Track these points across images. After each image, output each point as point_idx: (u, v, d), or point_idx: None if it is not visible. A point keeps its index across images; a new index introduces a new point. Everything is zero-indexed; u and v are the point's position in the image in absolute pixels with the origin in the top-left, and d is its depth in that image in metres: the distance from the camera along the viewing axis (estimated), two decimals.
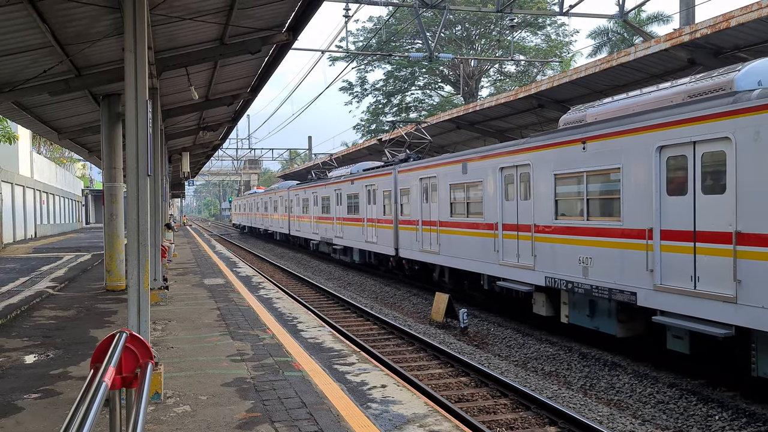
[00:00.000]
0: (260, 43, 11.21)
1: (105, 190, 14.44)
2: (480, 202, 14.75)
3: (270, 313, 11.98)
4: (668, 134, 9.20)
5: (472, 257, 15.14)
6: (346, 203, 25.63)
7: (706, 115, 8.58)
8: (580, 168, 11.15)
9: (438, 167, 17.06)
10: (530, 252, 12.65)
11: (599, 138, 10.66)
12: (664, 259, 9.37)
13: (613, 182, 10.44)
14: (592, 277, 10.85)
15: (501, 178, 13.80)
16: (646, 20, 39.14)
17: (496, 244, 13.97)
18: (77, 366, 7.76)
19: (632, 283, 9.92)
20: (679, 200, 9.09)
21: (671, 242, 9.23)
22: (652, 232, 9.53)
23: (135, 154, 6.31)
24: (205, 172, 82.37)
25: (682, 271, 9.00)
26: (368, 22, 53.57)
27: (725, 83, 8.90)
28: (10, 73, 10.69)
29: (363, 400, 6.84)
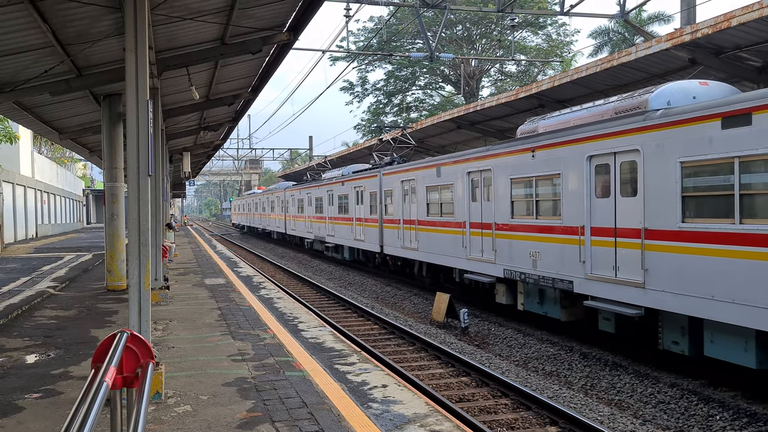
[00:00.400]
0: (261, 43, 11.21)
1: (106, 190, 14.45)
2: (451, 203, 16.28)
3: (271, 312, 11.98)
4: (596, 145, 10.83)
5: (445, 253, 16.68)
6: (337, 203, 27.11)
7: (623, 130, 10.23)
8: (530, 173, 12.76)
9: (417, 171, 18.68)
10: (491, 247, 14.24)
11: (545, 147, 12.27)
12: (593, 252, 10.98)
13: (556, 186, 12.03)
14: (539, 269, 12.45)
15: (468, 182, 15.38)
16: (647, 20, 39.12)
17: (464, 240, 15.56)
18: (78, 366, 7.77)
19: (570, 273, 11.49)
20: (604, 202, 10.73)
21: (599, 237, 10.85)
22: (584, 229, 11.13)
23: (136, 154, 6.31)
24: (206, 172, 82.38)
25: (606, 262, 10.63)
26: (369, 22, 53.68)
27: (642, 103, 10.39)
28: (11, 73, 10.70)
29: (364, 400, 6.84)
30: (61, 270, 18.57)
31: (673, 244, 9.28)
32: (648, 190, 9.69)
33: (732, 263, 8.28)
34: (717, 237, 8.54)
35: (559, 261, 11.80)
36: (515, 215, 13.35)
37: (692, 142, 8.96)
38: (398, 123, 52.29)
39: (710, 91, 10.07)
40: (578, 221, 11.27)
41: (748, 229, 8.06)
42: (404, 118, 53.20)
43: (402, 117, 54.06)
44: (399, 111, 55.00)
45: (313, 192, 31.48)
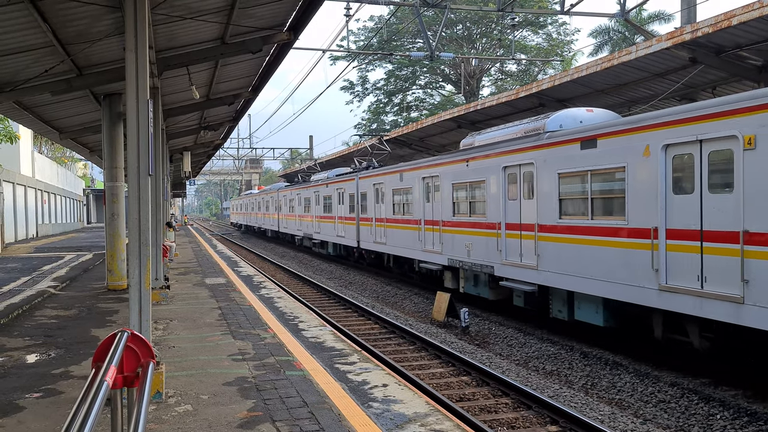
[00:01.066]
0: (261, 43, 11.21)
1: (106, 190, 14.45)
2: (411, 204, 19.06)
3: (271, 312, 11.98)
4: (508, 159, 13.60)
5: (407, 246, 19.51)
6: (322, 203, 29.93)
7: (524, 147, 13.03)
8: (466, 179, 15.53)
9: (385, 176, 21.40)
10: (439, 241, 16.97)
11: (475, 159, 15.05)
12: (507, 243, 13.77)
13: (483, 190, 14.74)
14: (472, 258, 15.18)
15: (423, 185, 18.12)
16: (647, 19, 39.10)
17: (420, 235, 18.35)
18: (79, 365, 7.77)
19: (492, 260, 14.28)
20: (514, 202, 13.54)
21: (510, 231, 13.65)
22: (501, 224, 13.92)
23: (136, 153, 6.31)
24: (207, 172, 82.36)
25: (515, 250, 13.44)
26: (369, 22, 53.63)
27: (541, 126, 13.01)
28: (12, 73, 10.70)
29: (364, 399, 6.84)
30: (62, 270, 18.57)
31: (554, 235, 12.08)
32: (540, 194, 12.51)
33: (587, 249, 11.14)
34: (579, 230, 11.35)
35: (485, 251, 14.61)
36: (456, 214, 16.13)
37: (564, 158, 11.74)
38: (398, 122, 52.42)
39: (594, 117, 12.61)
40: (496, 218, 14.12)
41: (596, 224, 11.00)
42: (404, 118, 53.22)
43: (402, 116, 54.06)
44: (399, 110, 54.97)
45: (302, 193, 34.38)
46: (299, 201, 35.29)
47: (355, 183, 24.72)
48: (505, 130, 14.66)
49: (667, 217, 9.48)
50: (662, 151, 9.53)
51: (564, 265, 11.73)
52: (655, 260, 9.55)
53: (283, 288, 19.10)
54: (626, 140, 10.28)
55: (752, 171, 8.09)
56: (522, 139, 13.37)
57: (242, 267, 22.30)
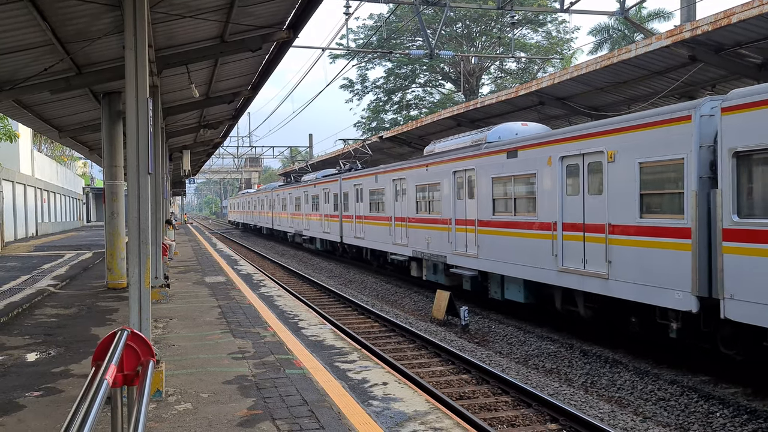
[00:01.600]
0: (260, 41, 11.20)
1: (106, 188, 14.44)
2: (384, 203, 21.56)
3: (271, 310, 11.98)
4: (457, 165, 16.13)
5: (380, 241, 22.11)
6: (311, 202, 32.47)
7: (468, 155, 15.55)
8: (425, 182, 18.13)
9: (362, 178, 24.00)
10: (406, 235, 19.66)
11: (432, 165, 17.70)
12: (456, 236, 16.25)
13: (438, 191, 17.27)
14: (431, 250, 17.69)
15: (393, 186, 20.66)
16: (647, 17, 39.09)
17: (390, 231, 20.95)
18: (79, 364, 7.78)
19: (445, 251, 16.82)
20: (461, 202, 15.98)
21: (458, 226, 16.13)
22: (451, 220, 16.39)
23: (136, 152, 6.31)
24: (206, 170, 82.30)
25: (462, 242, 15.91)
26: (369, 20, 53.47)
27: (483, 137, 15.44)
28: (11, 71, 10.69)
29: (364, 397, 6.84)
30: (62, 268, 18.58)
31: (489, 229, 14.59)
32: (479, 194, 15.01)
33: (512, 240, 13.65)
34: (506, 224, 13.95)
35: (440, 243, 17.08)
36: (418, 212, 18.63)
37: (496, 165, 14.19)
38: (398, 120, 52.42)
39: (527, 130, 14.72)
40: (448, 215, 16.58)
41: (517, 219, 13.48)
42: (404, 116, 53.20)
43: (402, 115, 54.04)
44: (399, 109, 54.93)
45: (293, 192, 37.09)
46: (290, 200, 37.88)
47: (338, 184, 27.23)
48: (457, 140, 17.27)
49: (563, 213, 11.95)
50: (559, 161, 11.96)
51: (496, 253, 14.32)
52: (555, 248, 12.11)
53: (283, 286, 19.10)
54: (537, 152, 12.74)
55: (613, 178, 10.55)
56: (468, 148, 15.99)
57: (242, 265, 22.30)
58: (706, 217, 8.97)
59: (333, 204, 28.01)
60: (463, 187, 15.81)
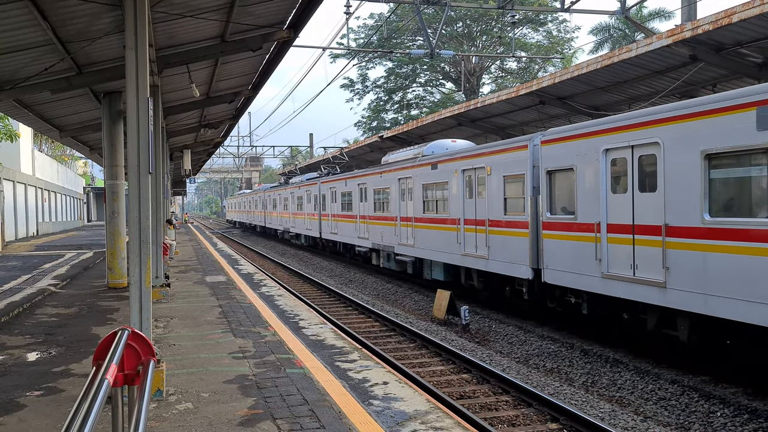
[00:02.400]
0: (261, 41, 11.19)
1: (106, 188, 14.45)
2: (351, 203, 25.80)
3: (272, 310, 11.99)
4: (400, 173, 20.18)
5: (349, 235, 26.22)
6: (296, 203, 36.71)
7: (407, 166, 19.47)
8: (381, 186, 22.22)
9: (336, 182, 28.30)
10: (367, 230, 23.68)
11: (384, 173, 21.86)
12: (400, 231, 20.20)
13: (389, 194, 21.33)
14: (384, 242, 21.74)
15: (359, 189, 24.71)
16: (647, 16, 39.08)
17: (356, 227, 25.10)
18: (79, 363, 7.78)
19: (393, 243, 20.87)
20: (404, 203, 19.94)
21: (403, 222, 20.03)
22: (397, 218, 20.46)
23: (136, 151, 6.31)
24: (207, 170, 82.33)
25: (405, 235, 19.83)
26: (369, 19, 53.41)
27: (420, 151, 19.30)
28: (12, 71, 10.70)
29: (365, 397, 6.84)
30: (62, 268, 18.59)
31: (421, 224, 18.49)
32: (414, 197, 18.99)
33: (435, 233, 17.44)
34: (430, 220, 17.84)
35: (390, 236, 21.15)
36: (376, 211, 22.70)
37: (425, 174, 18.15)
38: (399, 120, 52.42)
39: (455, 145, 18.42)
40: (395, 213, 20.59)
41: (436, 216, 17.34)
42: (405, 116, 53.18)
43: (402, 114, 54.03)
44: (399, 108, 54.92)
45: (282, 194, 41.44)
46: (279, 201, 42.32)
47: (318, 186, 31.49)
48: (403, 152, 21.49)
49: (464, 211, 15.85)
50: (461, 172, 15.93)
51: (426, 243, 18.26)
52: (459, 238, 16.06)
53: (284, 286, 19.11)
54: (450, 165, 16.63)
55: (489, 187, 14.58)
56: (410, 159, 19.81)
57: (242, 265, 22.30)
58: (535, 214, 12.93)
59: (313, 204, 32.11)
60: (405, 191, 19.90)
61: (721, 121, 8.49)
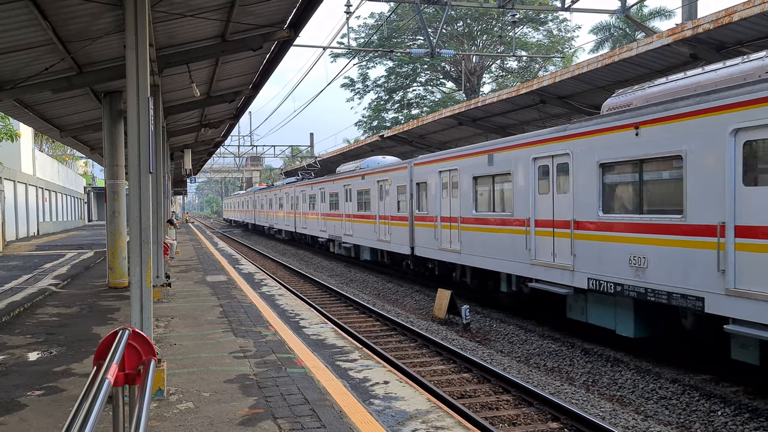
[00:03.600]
0: (261, 40, 11.19)
1: (107, 188, 14.45)
2: (315, 204, 31.98)
3: (272, 309, 11.99)
4: (345, 182, 26.40)
5: (314, 229, 32.74)
6: (278, 203, 43.68)
7: (349, 176, 26.12)
8: (333, 191, 28.21)
9: (306, 186, 34.71)
10: (325, 225, 30.02)
11: (332, 181, 28.52)
12: (345, 225, 26.14)
13: (337, 196, 27.38)
14: (336, 233, 27.80)
15: (319, 194, 31.11)
16: (648, 15, 39.04)
17: (318, 223, 31.47)
18: (80, 363, 7.78)
19: (340, 234, 26.98)
20: (346, 203, 25.95)
21: (346, 218, 26.02)
22: (343, 215, 26.53)
23: (137, 151, 6.31)
24: (207, 169, 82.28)
25: (348, 228, 25.84)
26: (370, 19, 53.38)
27: (358, 165, 26.14)
28: (12, 71, 10.70)
29: (365, 396, 6.85)
30: (63, 267, 18.59)
31: (355, 219, 24.63)
32: (350, 199, 25.39)
33: (364, 225, 23.68)
34: (361, 216, 24.10)
35: (339, 229, 27.31)
36: (331, 209, 28.75)
37: (360, 183, 24.02)
38: (399, 119, 52.42)
39: (384, 161, 23.83)
40: (342, 211, 26.45)
41: (364, 213, 23.63)
42: (405, 115, 53.17)
43: (403, 114, 54.02)
44: (400, 107, 54.91)
45: (268, 195, 48.66)
46: (266, 201, 49.02)
47: (293, 189, 38.19)
48: (353, 164, 27.67)
49: (378, 210, 22.19)
50: (376, 182, 22.39)
51: (359, 234, 24.58)
52: (376, 228, 22.51)
53: (284, 285, 19.12)
54: (370, 177, 23.09)
55: (392, 192, 20.75)
56: (351, 171, 26.43)
57: (243, 264, 22.31)
58: (411, 212, 19.34)
59: (290, 204, 39.11)
60: (348, 195, 26.20)
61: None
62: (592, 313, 11.51)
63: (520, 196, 13.32)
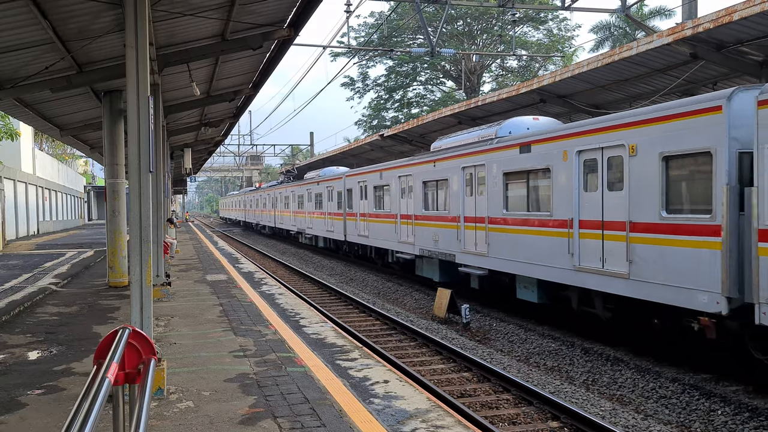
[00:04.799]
0: (261, 39, 11.18)
1: (107, 187, 14.44)
2: (289, 203, 37.75)
3: (272, 308, 11.99)
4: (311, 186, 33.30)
5: (287, 224, 39.38)
6: (263, 202, 50.76)
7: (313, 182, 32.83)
8: (316, 191, 31.21)
9: (284, 188, 40.63)
10: (295, 220, 36.31)
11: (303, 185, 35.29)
12: (327, 222, 29.15)
13: (302, 200, 34.08)
14: (297, 226, 36.07)
15: (294, 195, 36.43)
16: (648, 15, 39.03)
17: (291, 218, 36.96)
18: (80, 362, 7.78)
19: (302, 227, 34.53)
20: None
21: (309, 215, 33.09)
22: (306, 213, 33.33)
23: (137, 150, 6.31)
24: (207, 168, 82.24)
25: (308, 222, 33.22)
26: (370, 18, 53.35)
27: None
28: (12, 70, 10.69)
29: (365, 395, 6.85)
30: (63, 266, 18.59)
31: (315, 216, 31.94)
32: (304, 203, 34.02)
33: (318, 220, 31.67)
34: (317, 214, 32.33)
35: (301, 224, 34.44)
36: (299, 208, 34.43)
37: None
38: (399, 119, 52.43)
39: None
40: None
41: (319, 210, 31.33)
42: (405, 114, 53.16)
43: (403, 113, 54.00)
44: (400, 107, 54.89)
45: (255, 195, 55.79)
46: (255, 200, 55.86)
47: (274, 191, 44.71)
48: (313, 173, 32.21)
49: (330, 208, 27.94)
50: (326, 188, 27.99)
51: (316, 226, 31.10)
52: (326, 223, 27.74)
53: (284, 284, 19.12)
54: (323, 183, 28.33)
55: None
56: (312, 178, 31.83)
57: (243, 264, 22.32)
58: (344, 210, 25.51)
59: (271, 204, 46.33)
60: (308, 197, 31.96)
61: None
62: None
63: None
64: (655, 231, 9.61)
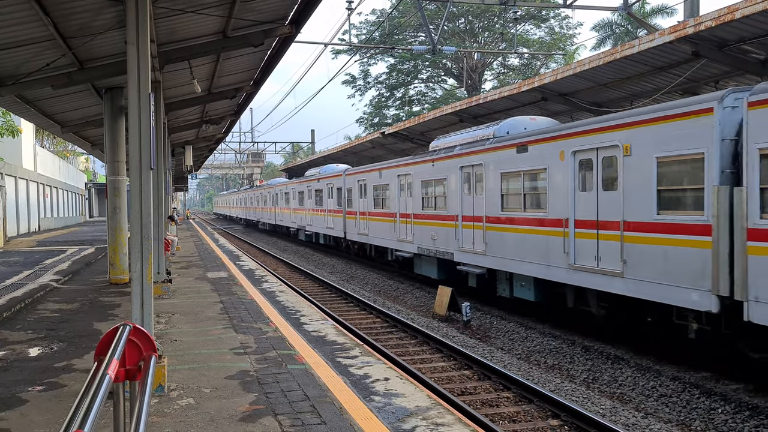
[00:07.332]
0: (263, 36, 11.17)
1: (108, 184, 14.43)
2: (295, 200, 36.89)
3: (273, 306, 12.00)
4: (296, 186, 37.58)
5: (275, 220, 44.52)
6: (256, 200, 54.18)
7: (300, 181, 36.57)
8: (300, 189, 34.71)
9: (268, 189, 45.80)
10: (278, 216, 42.81)
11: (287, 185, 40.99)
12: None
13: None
14: (288, 222, 39.46)
15: (273, 194, 44.18)
16: (650, 12, 38.95)
17: (276, 214, 42.86)
18: (81, 359, 7.79)
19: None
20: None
21: (296, 212, 36.89)
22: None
23: (138, 147, 6.31)
24: (208, 166, 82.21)
25: (292, 218, 38.11)
26: (371, 15, 53.40)
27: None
28: (13, 67, 10.69)
29: (366, 393, 6.85)
30: (64, 263, 18.61)
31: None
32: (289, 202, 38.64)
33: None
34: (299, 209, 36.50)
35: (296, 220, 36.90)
36: (286, 204, 38.52)
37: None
38: (400, 116, 52.43)
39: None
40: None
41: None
42: (406, 112, 53.13)
43: (404, 110, 53.96)
44: (401, 104, 54.85)
45: (248, 194, 60.94)
46: (247, 199, 61.58)
47: (259, 192, 50.83)
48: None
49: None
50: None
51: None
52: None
53: (285, 282, 19.12)
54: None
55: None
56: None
57: (244, 261, 22.33)
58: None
59: (263, 202, 49.72)
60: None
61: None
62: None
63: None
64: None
